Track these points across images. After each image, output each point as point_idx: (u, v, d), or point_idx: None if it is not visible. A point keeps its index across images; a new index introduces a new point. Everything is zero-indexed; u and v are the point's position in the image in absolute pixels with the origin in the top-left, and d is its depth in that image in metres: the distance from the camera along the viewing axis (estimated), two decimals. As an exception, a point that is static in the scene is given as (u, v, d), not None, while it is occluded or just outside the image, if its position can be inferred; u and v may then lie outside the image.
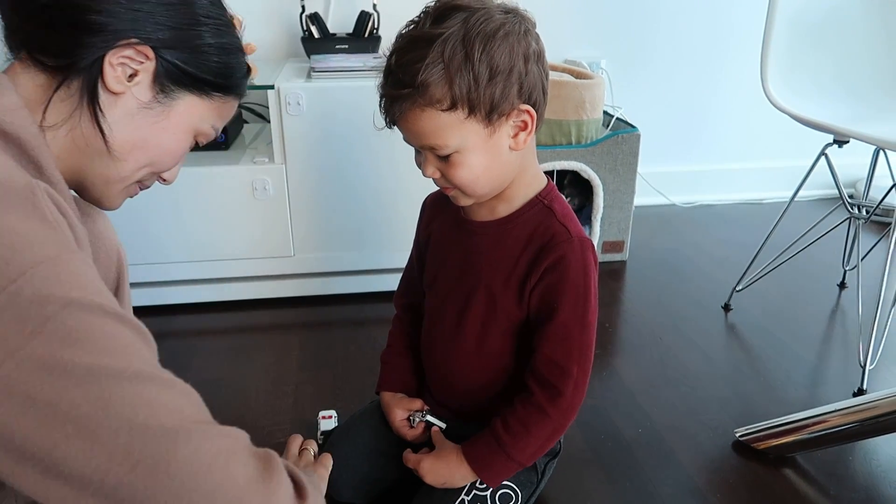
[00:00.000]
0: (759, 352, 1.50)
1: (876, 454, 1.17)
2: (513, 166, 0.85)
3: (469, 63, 0.74)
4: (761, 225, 1.69)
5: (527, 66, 0.78)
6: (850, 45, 1.57)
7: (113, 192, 0.71)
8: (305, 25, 1.83)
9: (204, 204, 1.54)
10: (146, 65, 0.65)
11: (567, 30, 2.11)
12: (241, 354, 1.47)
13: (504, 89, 0.77)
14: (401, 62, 0.77)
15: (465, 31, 0.75)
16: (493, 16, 0.77)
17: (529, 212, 0.88)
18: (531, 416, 0.87)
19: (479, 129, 0.78)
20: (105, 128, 0.65)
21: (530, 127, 0.81)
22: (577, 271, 0.85)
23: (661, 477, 1.12)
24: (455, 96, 0.75)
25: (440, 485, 0.91)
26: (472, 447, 0.90)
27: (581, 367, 0.86)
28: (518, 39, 0.78)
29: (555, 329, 0.86)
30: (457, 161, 0.80)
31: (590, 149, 1.80)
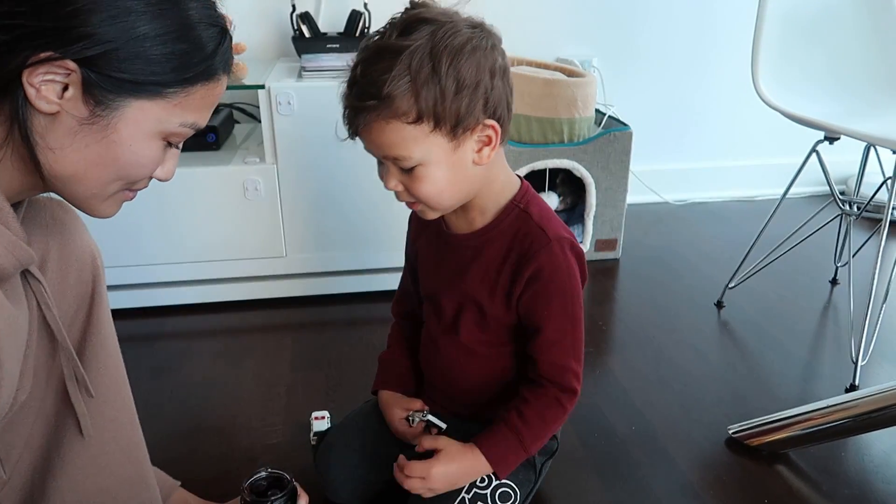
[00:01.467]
0: (751, 348, 1.50)
1: (868, 450, 1.17)
2: (477, 180, 0.84)
3: (436, 76, 0.74)
4: (753, 222, 1.70)
5: (493, 81, 0.78)
6: (841, 42, 1.57)
7: (95, 206, 0.66)
8: (296, 25, 1.82)
9: (195, 205, 1.53)
10: (72, 77, 0.57)
11: (559, 28, 2.11)
12: (233, 356, 1.47)
13: (470, 104, 0.76)
14: (367, 73, 0.75)
15: (432, 44, 0.74)
16: (460, 30, 0.76)
17: (507, 219, 0.88)
18: (549, 409, 0.90)
19: (444, 142, 0.78)
20: (42, 156, 0.59)
21: (494, 142, 0.81)
22: (559, 274, 0.86)
23: (654, 474, 1.12)
24: (421, 109, 0.75)
25: (448, 488, 0.90)
26: (489, 442, 0.89)
27: (578, 360, 0.90)
28: (485, 54, 0.77)
29: (549, 334, 0.88)
30: (420, 174, 0.79)
31: (582, 147, 1.80)
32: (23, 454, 0.73)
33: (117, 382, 0.81)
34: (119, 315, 1.62)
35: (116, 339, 0.82)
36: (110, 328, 0.81)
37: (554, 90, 1.73)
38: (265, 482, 0.90)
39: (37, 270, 0.67)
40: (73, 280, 0.75)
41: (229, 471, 1.11)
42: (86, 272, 0.77)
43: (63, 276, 0.74)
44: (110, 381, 0.80)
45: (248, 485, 0.89)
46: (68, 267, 0.75)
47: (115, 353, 0.81)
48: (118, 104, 0.59)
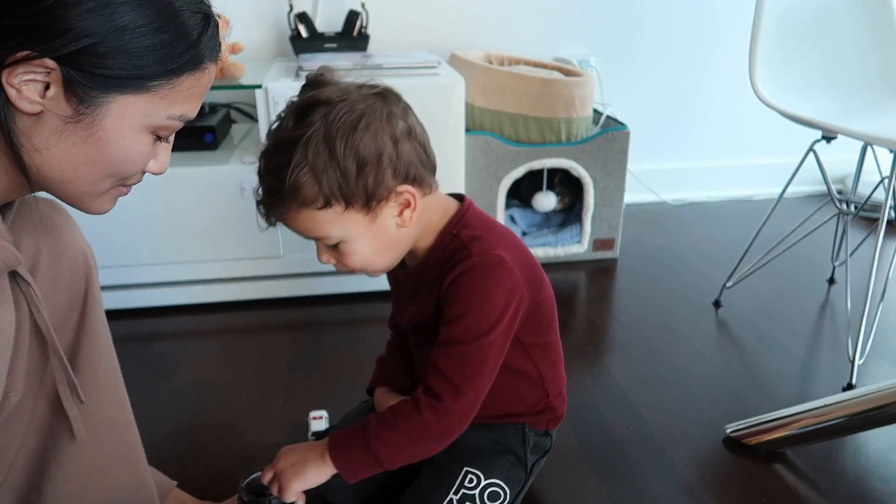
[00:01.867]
0: (749, 348, 1.50)
1: (865, 448, 1.17)
2: (407, 237, 0.84)
3: (334, 160, 0.74)
4: (751, 221, 1.70)
5: (397, 147, 0.77)
6: (838, 42, 1.57)
7: (89, 204, 0.65)
8: (293, 24, 1.82)
9: (192, 204, 1.53)
10: (53, 75, 0.55)
11: (557, 27, 2.11)
12: (231, 356, 1.46)
13: (377, 177, 0.76)
14: (269, 168, 0.77)
15: (325, 128, 0.74)
16: (354, 107, 0.75)
17: (441, 246, 0.86)
18: (404, 411, 0.83)
19: (360, 217, 0.78)
20: (28, 157, 0.58)
21: (414, 203, 0.80)
22: (473, 285, 0.81)
23: (652, 474, 1.12)
24: (327, 194, 0.75)
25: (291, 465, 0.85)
26: (338, 433, 0.86)
27: (472, 386, 0.82)
28: (381, 126, 0.76)
29: (445, 339, 0.83)
30: (345, 250, 0.81)
31: (580, 146, 1.80)
32: (18, 456, 0.73)
33: (112, 383, 0.81)
34: (116, 315, 1.63)
35: (111, 338, 0.81)
36: (104, 328, 0.80)
37: (552, 90, 1.73)
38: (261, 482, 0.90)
39: (26, 272, 0.66)
40: (66, 281, 0.75)
41: (227, 471, 1.11)
42: (78, 272, 0.76)
43: (55, 276, 0.73)
44: (105, 381, 0.79)
45: (246, 484, 0.89)
46: (60, 267, 0.74)
47: (110, 354, 0.81)
48: (102, 100, 0.58)
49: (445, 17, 2.03)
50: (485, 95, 1.77)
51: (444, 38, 2.01)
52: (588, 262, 1.91)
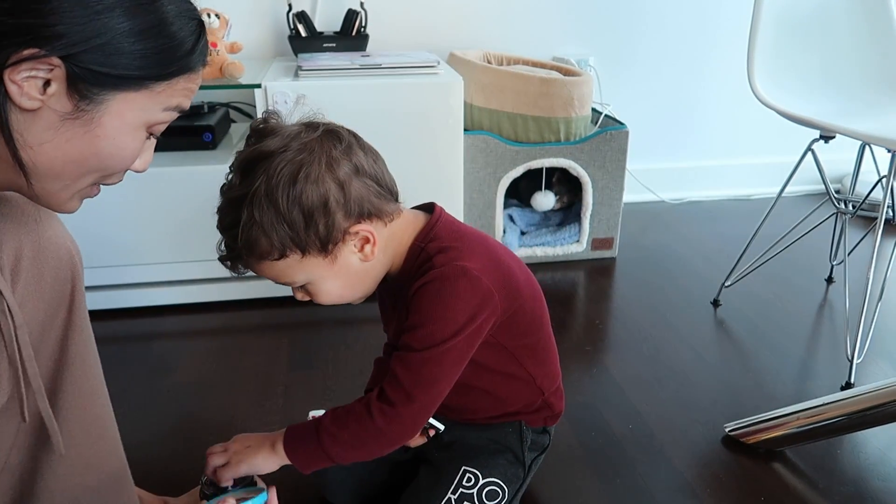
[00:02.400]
0: (747, 347, 1.50)
1: (864, 447, 1.18)
2: (378, 266, 0.85)
3: (280, 215, 0.75)
4: (749, 221, 1.70)
5: (343, 190, 0.77)
6: (836, 41, 1.57)
7: (62, 202, 0.65)
8: (292, 24, 1.82)
9: (191, 204, 1.53)
10: (56, 72, 0.56)
11: (556, 27, 2.12)
12: (230, 355, 1.46)
13: (327, 223, 0.76)
14: (222, 227, 0.79)
15: (266, 184, 0.74)
16: (293, 159, 0.75)
17: (410, 261, 0.86)
18: (357, 412, 0.82)
19: (320, 261, 0.79)
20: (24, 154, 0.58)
21: (373, 239, 0.80)
22: (432, 295, 0.80)
23: (651, 472, 1.12)
24: (280, 248, 0.76)
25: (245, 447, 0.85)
26: (293, 427, 0.86)
27: (424, 393, 0.81)
28: (321, 173, 0.76)
29: (402, 345, 0.82)
30: (313, 290, 0.83)
31: (578, 146, 1.80)
32: (10, 454, 0.73)
33: (99, 379, 0.80)
34: (115, 315, 1.63)
35: (93, 334, 0.80)
36: (89, 324, 0.79)
37: (550, 89, 1.74)
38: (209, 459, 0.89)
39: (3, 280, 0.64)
40: (51, 278, 0.73)
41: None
42: (63, 270, 0.74)
43: (39, 274, 0.72)
44: (94, 379, 0.79)
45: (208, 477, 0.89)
46: (44, 266, 0.72)
47: (95, 351, 0.80)
48: (103, 97, 0.59)
49: (444, 16, 2.03)
50: (483, 95, 1.77)
51: (443, 37, 2.01)
52: (587, 261, 1.92)
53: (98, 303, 1.57)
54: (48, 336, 0.74)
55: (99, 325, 1.64)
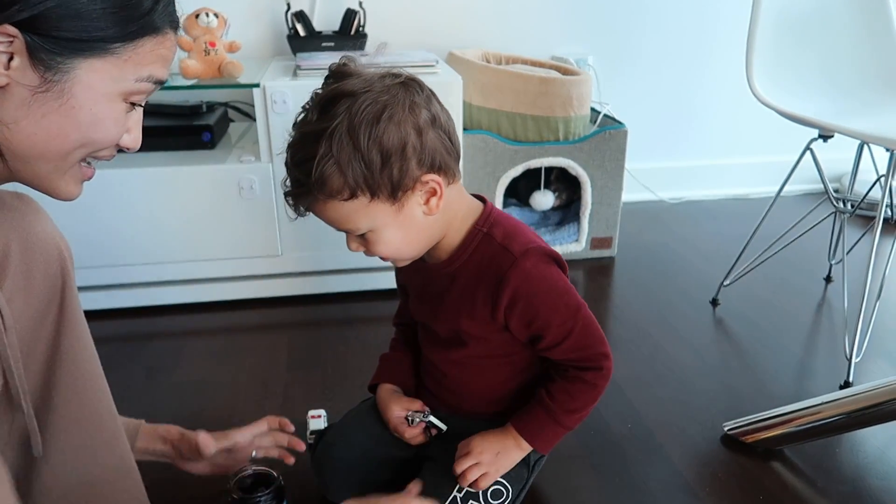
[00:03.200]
0: (746, 346, 1.50)
1: (863, 446, 1.18)
2: (436, 226, 0.85)
3: (359, 152, 0.75)
4: (748, 220, 1.70)
5: (421, 137, 0.78)
6: (835, 41, 1.58)
7: (56, 185, 0.65)
8: (291, 23, 1.82)
9: (190, 203, 1.53)
10: (16, 44, 0.55)
11: (554, 26, 2.11)
12: (229, 355, 1.46)
13: (401, 167, 0.77)
14: (295, 161, 0.78)
15: (349, 120, 0.75)
16: (377, 99, 0.76)
17: (471, 246, 0.88)
18: (574, 385, 0.90)
19: (387, 207, 0.79)
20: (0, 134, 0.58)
21: (440, 191, 0.81)
22: (538, 285, 0.86)
23: (650, 471, 1.12)
24: (353, 186, 0.76)
25: (495, 454, 0.91)
26: (521, 421, 0.92)
27: (601, 341, 0.91)
28: (405, 116, 0.77)
29: (554, 338, 0.88)
30: (373, 239, 0.82)
31: (577, 145, 1.80)
32: (5, 451, 0.73)
33: (94, 373, 0.79)
34: (114, 314, 1.63)
35: (88, 331, 0.79)
36: (83, 320, 0.79)
37: (549, 88, 1.74)
38: (251, 479, 0.90)
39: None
40: (40, 274, 0.72)
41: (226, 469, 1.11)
42: (53, 265, 0.73)
43: (28, 270, 0.70)
44: (88, 373, 0.78)
45: (235, 482, 0.89)
46: (33, 262, 0.71)
47: (90, 345, 0.79)
48: (68, 66, 0.58)
49: (443, 16, 2.03)
50: (482, 94, 1.77)
51: (442, 36, 2.01)
52: (586, 260, 1.92)
53: (97, 302, 1.57)
54: (39, 334, 0.73)
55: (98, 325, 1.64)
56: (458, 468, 0.90)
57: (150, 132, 1.67)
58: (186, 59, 1.50)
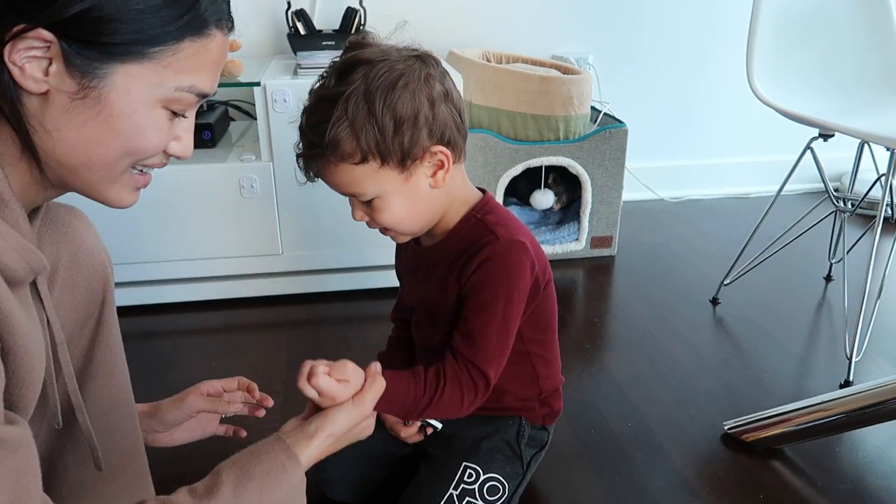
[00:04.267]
0: (746, 345, 1.50)
1: (862, 445, 1.18)
2: (438, 201, 0.86)
3: (373, 117, 0.76)
4: (748, 219, 1.70)
5: (433, 109, 0.80)
6: (835, 40, 1.57)
7: (108, 193, 0.63)
8: (291, 22, 1.82)
9: (191, 202, 1.53)
10: (52, 49, 0.54)
11: (554, 25, 2.11)
12: (230, 353, 1.46)
13: (412, 136, 0.78)
14: (310, 123, 0.80)
15: (365, 85, 0.76)
16: (393, 67, 0.78)
17: (463, 229, 0.89)
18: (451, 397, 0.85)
19: (395, 175, 0.80)
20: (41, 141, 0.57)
21: (447, 165, 0.83)
22: (500, 271, 0.85)
23: (650, 470, 1.12)
24: (364, 150, 0.77)
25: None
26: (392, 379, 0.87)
27: (496, 371, 0.87)
28: (419, 86, 0.79)
29: (475, 328, 0.86)
30: (379, 206, 0.83)
31: (577, 144, 1.80)
32: None
33: (123, 389, 0.80)
34: (115, 313, 1.61)
35: (122, 345, 0.80)
36: (118, 334, 0.79)
37: (550, 87, 1.74)
38: None
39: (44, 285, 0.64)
40: (83, 288, 0.73)
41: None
42: (96, 280, 0.74)
43: (73, 284, 0.72)
44: (118, 387, 0.78)
45: None
46: (78, 275, 0.72)
47: (122, 359, 0.80)
48: (104, 71, 0.56)
49: (443, 14, 2.03)
50: (483, 93, 1.77)
51: (442, 35, 2.01)
52: (586, 259, 1.92)
53: (97, 301, 1.57)
54: (74, 346, 0.73)
55: (98, 324, 1.62)
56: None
57: (151, 131, 1.68)
58: (187, 57, 1.50)
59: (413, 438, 0.99)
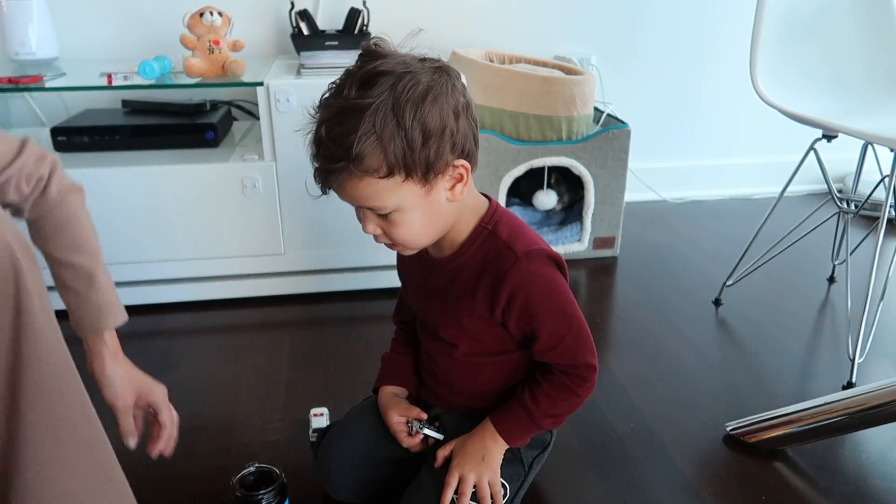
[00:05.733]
0: (749, 346, 1.50)
1: (865, 446, 1.18)
2: (452, 214, 0.86)
3: (402, 131, 0.75)
4: (751, 220, 1.70)
5: (457, 122, 0.79)
6: (839, 40, 1.57)
7: None
8: (295, 22, 1.82)
9: (193, 202, 1.53)
10: None
11: (557, 26, 2.11)
12: (232, 353, 1.47)
13: (438, 149, 0.77)
14: (332, 135, 0.76)
15: (393, 98, 0.74)
16: (420, 79, 0.76)
17: (475, 242, 0.89)
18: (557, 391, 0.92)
19: (417, 188, 0.79)
20: None
21: (466, 178, 0.82)
22: (536, 287, 0.87)
23: (652, 471, 1.12)
24: (391, 164, 0.76)
25: (480, 460, 0.92)
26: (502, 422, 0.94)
27: (591, 352, 0.92)
28: (447, 99, 0.78)
29: (547, 342, 0.89)
30: (396, 220, 0.82)
31: (580, 145, 1.80)
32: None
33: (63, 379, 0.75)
34: (117, 312, 1.61)
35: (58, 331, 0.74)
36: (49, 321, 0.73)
37: (552, 88, 1.74)
38: (253, 477, 0.90)
39: None
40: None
41: (228, 468, 1.11)
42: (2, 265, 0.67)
43: None
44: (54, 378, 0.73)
45: (237, 480, 0.89)
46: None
47: (57, 348, 0.74)
48: None
49: (446, 15, 2.03)
50: (485, 93, 1.77)
51: (445, 36, 2.01)
52: (588, 260, 1.92)
53: (100, 300, 1.57)
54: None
55: (101, 323, 1.62)
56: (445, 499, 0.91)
57: (154, 130, 1.69)
58: (190, 57, 1.51)
59: (416, 449, 0.99)
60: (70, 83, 1.57)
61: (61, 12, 1.78)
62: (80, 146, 1.59)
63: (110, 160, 1.54)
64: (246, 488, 0.89)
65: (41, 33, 1.69)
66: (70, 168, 1.53)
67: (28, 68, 1.65)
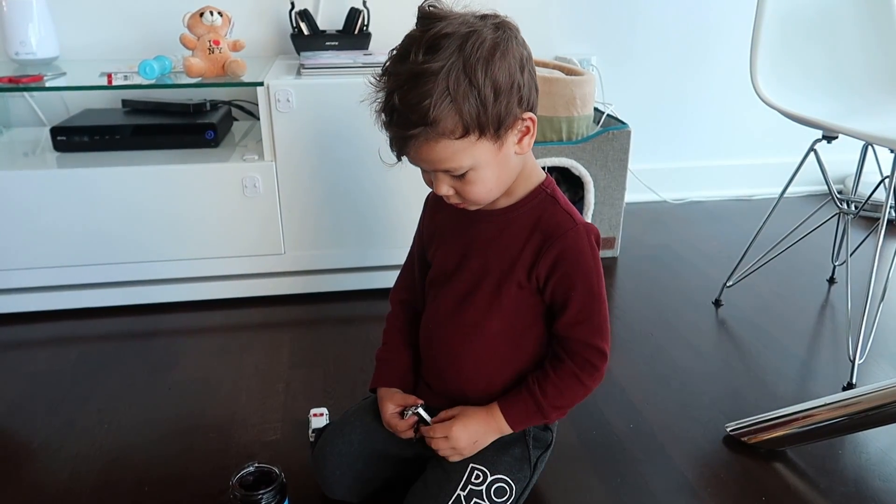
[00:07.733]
0: (749, 347, 1.50)
1: (865, 447, 1.17)
2: (518, 167, 0.88)
3: (475, 90, 0.76)
4: (751, 221, 1.70)
5: (523, 75, 0.81)
6: (840, 41, 1.57)
7: None
8: (295, 22, 1.82)
9: (193, 202, 1.53)
10: None
11: (558, 26, 2.11)
12: (232, 353, 1.47)
13: (508, 105, 0.79)
14: (406, 101, 0.76)
15: (463, 59, 0.75)
16: (485, 37, 0.77)
17: (533, 201, 0.90)
18: (566, 381, 0.92)
19: (490, 145, 0.81)
20: None
21: (532, 130, 0.84)
22: (584, 256, 0.88)
23: (651, 472, 1.12)
24: (466, 124, 0.77)
25: (472, 443, 0.93)
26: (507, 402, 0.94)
27: (604, 338, 0.91)
28: (512, 53, 0.79)
29: (575, 315, 0.90)
30: (471, 178, 0.83)
31: (580, 145, 1.80)
32: None
33: None
34: (116, 312, 1.63)
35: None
36: None
37: (553, 88, 1.74)
38: (252, 477, 0.90)
39: None
40: None
41: (227, 467, 1.11)
42: None
43: None
44: None
45: (237, 479, 0.89)
46: None
47: None
48: None
49: (447, 15, 2.03)
50: (486, 94, 1.77)
51: (446, 36, 2.01)
52: (588, 260, 1.91)
53: (100, 300, 1.57)
54: None
55: (101, 322, 1.64)
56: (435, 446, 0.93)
57: (154, 130, 1.69)
58: (190, 57, 1.51)
59: (407, 434, 0.97)
60: (70, 83, 1.57)
61: (61, 12, 1.78)
62: (80, 146, 1.59)
63: (110, 160, 1.54)
64: (245, 488, 0.89)
65: (41, 33, 1.69)
66: (70, 168, 1.54)
67: (28, 68, 1.65)
